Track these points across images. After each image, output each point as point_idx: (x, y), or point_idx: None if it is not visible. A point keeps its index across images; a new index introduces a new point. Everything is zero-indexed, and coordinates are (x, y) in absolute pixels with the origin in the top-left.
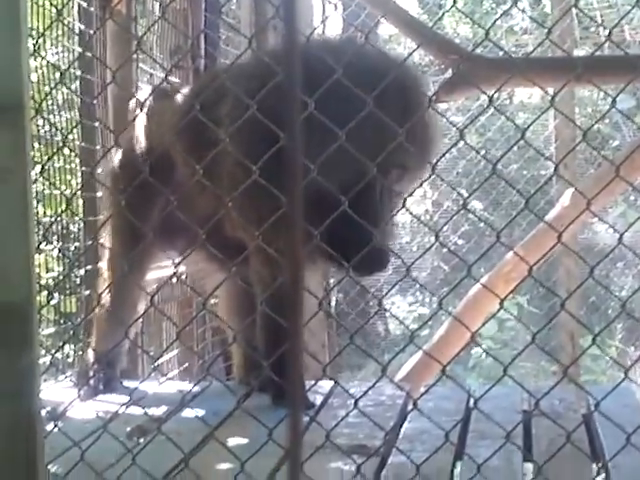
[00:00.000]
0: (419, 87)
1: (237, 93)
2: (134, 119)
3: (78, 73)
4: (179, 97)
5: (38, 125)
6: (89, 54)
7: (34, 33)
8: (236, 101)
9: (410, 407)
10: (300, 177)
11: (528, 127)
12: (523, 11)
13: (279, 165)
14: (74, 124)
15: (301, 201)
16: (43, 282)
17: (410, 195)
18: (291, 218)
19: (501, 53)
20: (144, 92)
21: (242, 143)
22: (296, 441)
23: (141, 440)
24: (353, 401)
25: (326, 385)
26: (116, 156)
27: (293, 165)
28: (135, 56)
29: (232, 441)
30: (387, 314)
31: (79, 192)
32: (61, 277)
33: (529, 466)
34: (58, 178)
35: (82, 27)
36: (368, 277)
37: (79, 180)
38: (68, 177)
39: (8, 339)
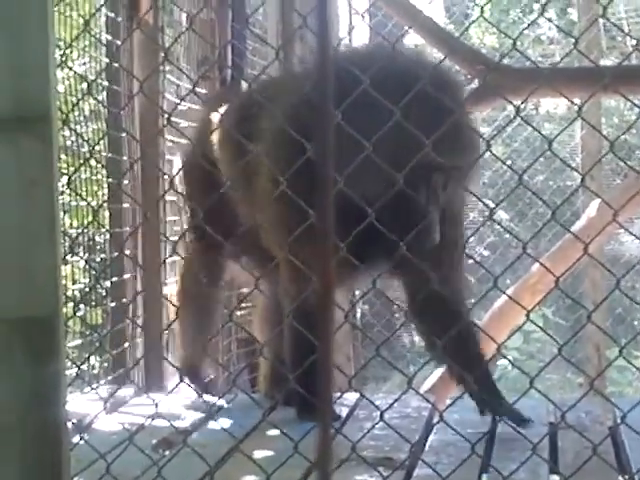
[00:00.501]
0: (455, 88)
1: (273, 109)
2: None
3: (105, 84)
4: (226, 107)
5: (65, 136)
6: (116, 65)
7: (61, 44)
8: (273, 116)
9: (436, 419)
10: (331, 192)
11: (555, 138)
12: (550, 20)
13: (313, 181)
14: (101, 135)
15: (332, 217)
16: (69, 294)
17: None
18: (321, 233)
19: (528, 63)
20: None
21: (277, 158)
22: (325, 454)
23: (167, 452)
24: (379, 413)
25: (352, 397)
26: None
27: (325, 180)
28: (162, 67)
29: (257, 454)
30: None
31: (105, 203)
32: (87, 289)
33: (555, 478)
34: (85, 189)
35: (109, 38)
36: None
37: (105, 191)
38: (94, 188)
39: (35, 350)
